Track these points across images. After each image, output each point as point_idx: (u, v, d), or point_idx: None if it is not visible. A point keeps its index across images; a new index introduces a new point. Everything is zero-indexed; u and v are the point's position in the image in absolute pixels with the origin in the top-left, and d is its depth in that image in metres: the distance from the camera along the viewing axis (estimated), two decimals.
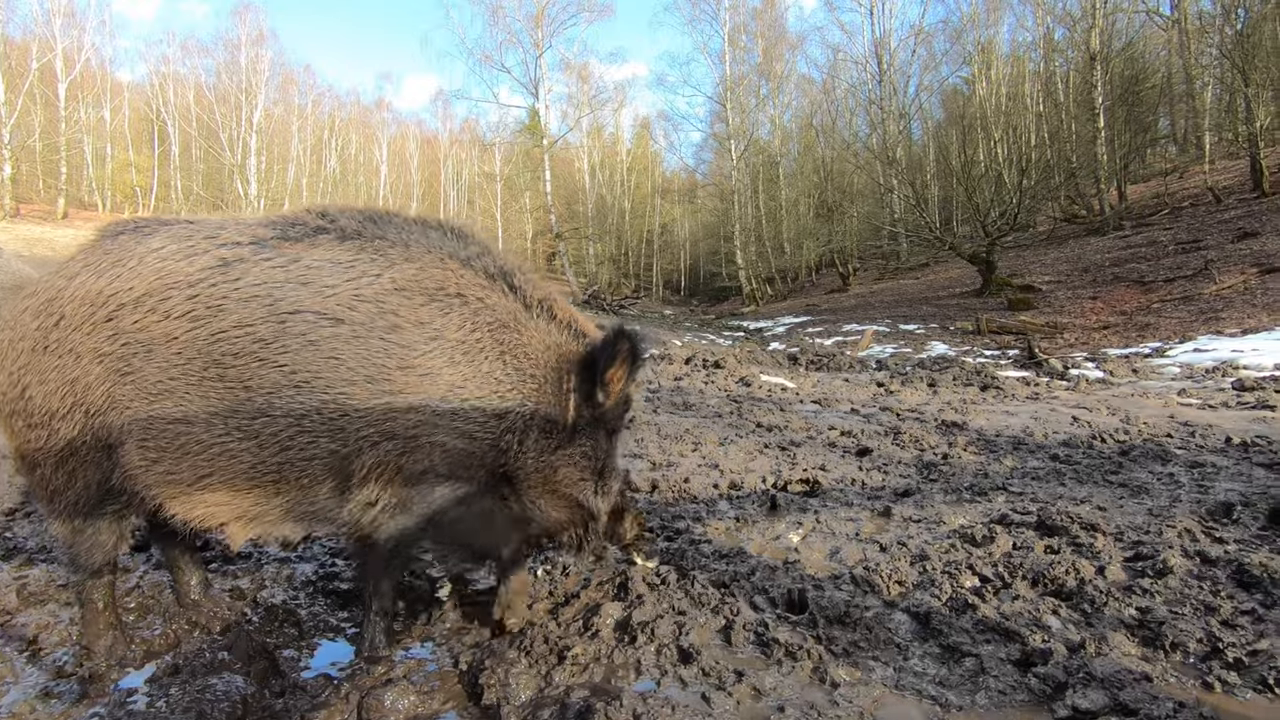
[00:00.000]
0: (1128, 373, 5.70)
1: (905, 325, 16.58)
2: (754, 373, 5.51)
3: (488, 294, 1.74)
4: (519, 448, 1.71)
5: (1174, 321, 12.26)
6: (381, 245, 1.72)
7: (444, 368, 1.64)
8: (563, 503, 1.79)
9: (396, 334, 1.61)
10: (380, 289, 1.64)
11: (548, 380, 1.74)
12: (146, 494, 1.65)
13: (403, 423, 1.60)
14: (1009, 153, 26.73)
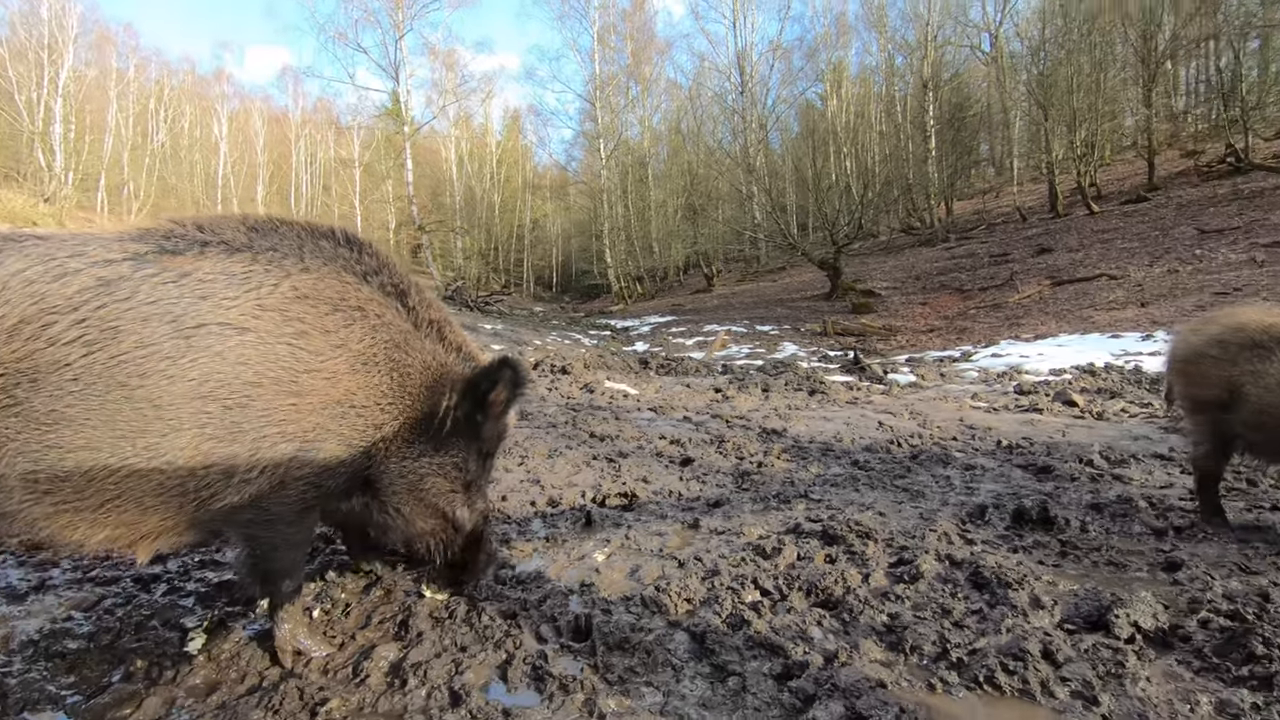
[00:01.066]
0: (936, 377, 6.30)
1: (761, 326, 17.41)
2: (600, 379, 5.54)
3: (385, 311, 1.83)
4: (386, 455, 1.81)
5: (985, 326, 13.76)
6: (274, 256, 1.76)
7: (345, 374, 1.72)
8: (427, 511, 1.88)
9: (304, 340, 1.68)
10: (283, 297, 1.70)
11: (427, 397, 1.84)
12: (27, 528, 1.62)
13: (301, 425, 1.67)
14: (856, 167, 28.91)
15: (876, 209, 24.83)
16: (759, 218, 25.86)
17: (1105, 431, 3.94)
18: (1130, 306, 11.71)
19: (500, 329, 12.91)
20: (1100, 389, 5.15)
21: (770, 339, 15.65)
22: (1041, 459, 3.34)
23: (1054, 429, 4.01)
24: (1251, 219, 15.82)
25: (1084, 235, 19.38)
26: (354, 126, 34.54)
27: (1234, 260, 13.19)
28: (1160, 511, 2.63)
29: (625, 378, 5.93)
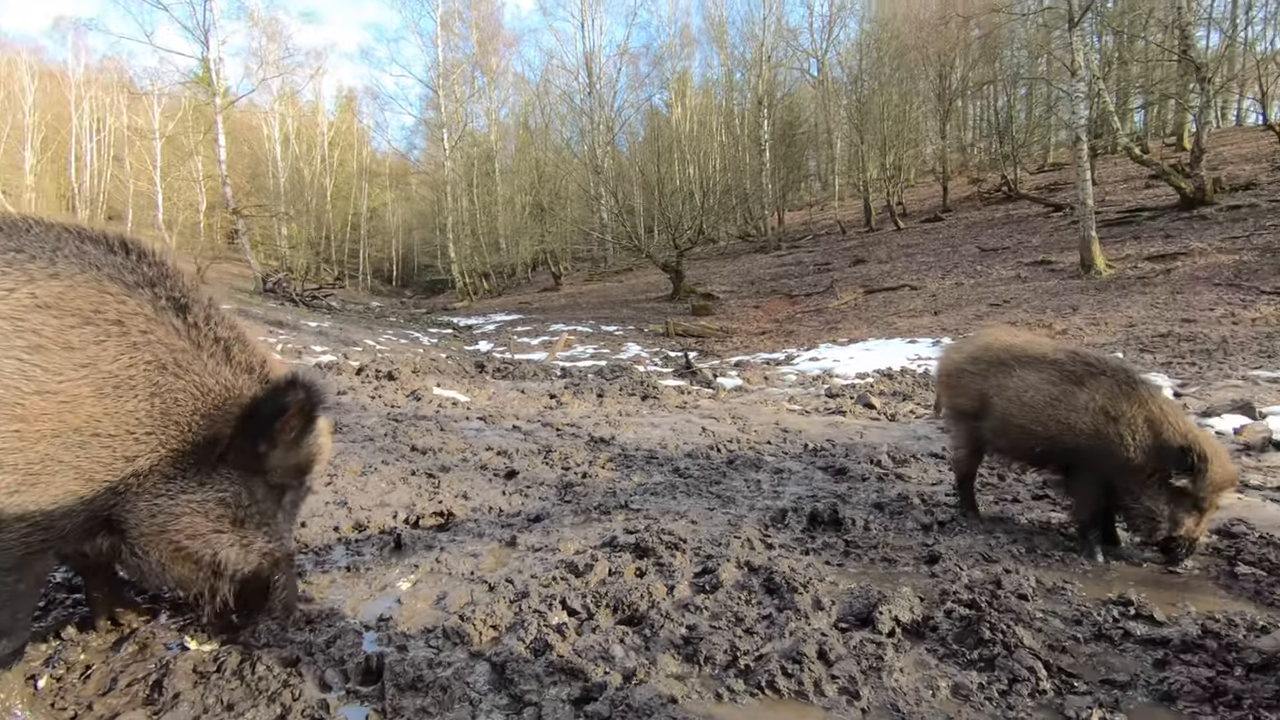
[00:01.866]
0: (760, 380, 6.72)
1: (607, 327, 17.63)
2: (429, 385, 5.29)
3: (153, 327, 1.63)
4: (138, 491, 1.61)
5: (809, 329, 14.92)
6: (16, 258, 1.55)
7: (89, 398, 1.52)
8: (180, 554, 1.66)
9: (39, 355, 1.48)
10: (17, 305, 1.49)
11: (202, 426, 1.65)
12: None
13: (26, 456, 1.46)
14: (698, 174, 30.22)
15: (717, 216, 26.17)
16: (606, 219, 26.20)
17: (895, 432, 4.42)
18: (926, 315, 13.24)
19: (327, 327, 11.96)
20: (895, 391, 5.77)
21: (615, 339, 15.89)
22: (840, 461, 3.67)
23: (854, 431, 4.44)
24: (1018, 240, 18.50)
25: (892, 249, 21.65)
26: (153, 93, 30.32)
27: (1005, 275, 15.33)
28: (929, 508, 2.99)
29: (458, 383, 5.72)
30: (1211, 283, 11.18)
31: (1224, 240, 13.58)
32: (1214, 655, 1.70)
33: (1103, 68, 22.10)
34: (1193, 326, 8.92)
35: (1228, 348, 7.46)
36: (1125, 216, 17.47)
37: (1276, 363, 6.67)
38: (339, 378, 5.44)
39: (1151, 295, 11.07)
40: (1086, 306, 11.09)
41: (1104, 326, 9.76)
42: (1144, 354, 7.79)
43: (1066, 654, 1.80)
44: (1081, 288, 12.66)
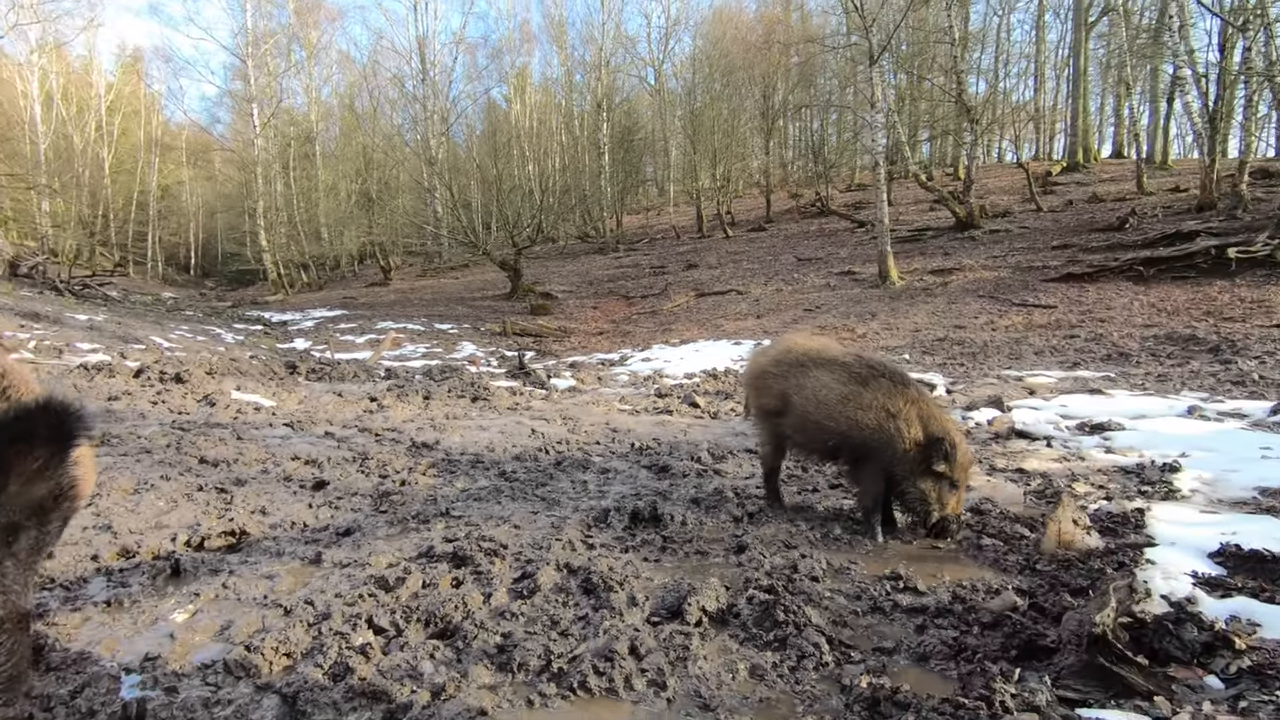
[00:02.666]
0: (594, 381, 6.80)
1: (441, 325, 16.95)
2: (226, 389, 4.73)
3: None
4: None
5: (644, 330, 15.37)
6: None
7: None
8: None
9: None
10: None
11: None
12: None
13: None
14: (538, 171, 29.99)
15: (557, 215, 26.15)
16: (441, 212, 25.17)
17: (716, 429, 4.69)
18: (750, 317, 14.18)
19: (101, 321, 10.33)
20: (719, 390, 6.12)
21: (449, 338, 15.31)
22: (664, 459, 3.82)
23: (679, 429, 4.64)
24: (829, 252, 20.41)
25: (721, 255, 22.93)
26: None
27: (818, 284, 16.83)
28: (741, 500, 3.20)
29: (263, 386, 5.18)
30: (977, 295, 13.06)
31: (987, 259, 15.92)
32: (959, 617, 2.00)
33: (897, 102, 25.09)
34: (963, 332, 10.35)
35: (988, 351, 8.74)
36: (914, 234, 19.93)
37: (1020, 364, 7.94)
38: (111, 381, 4.70)
39: (933, 304, 12.71)
40: (883, 313, 12.48)
41: (896, 331, 11.05)
42: (926, 355, 8.89)
43: (847, 627, 2.02)
44: (879, 296, 14.23)
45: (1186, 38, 15.90)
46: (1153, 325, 9.85)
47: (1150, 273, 12.61)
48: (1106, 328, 9.88)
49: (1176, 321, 9.96)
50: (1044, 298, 12.13)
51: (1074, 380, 6.64)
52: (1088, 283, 12.83)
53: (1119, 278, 12.91)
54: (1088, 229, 17.05)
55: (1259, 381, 6.05)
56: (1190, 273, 12.32)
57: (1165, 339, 8.96)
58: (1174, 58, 16.25)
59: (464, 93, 29.91)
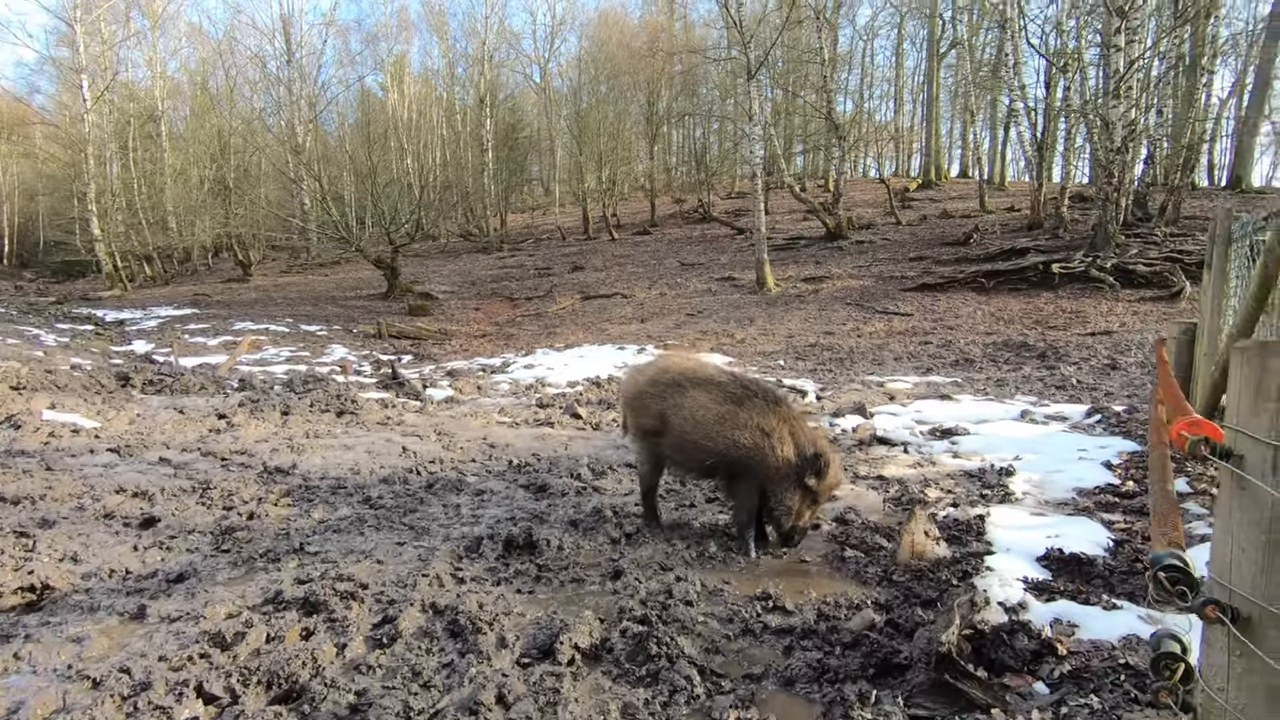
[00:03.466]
0: (473, 390, 6.56)
1: (308, 326, 15.82)
2: (37, 407, 4.10)
3: None
4: None
5: (529, 334, 15.10)
6: None
7: None
8: None
9: None
10: None
11: None
12: None
13: None
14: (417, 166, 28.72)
15: (437, 212, 25.22)
16: (308, 204, 23.49)
17: (597, 442, 4.65)
18: (635, 322, 14.29)
19: None
20: (602, 400, 6.09)
21: (317, 340, 14.31)
22: (543, 477, 3.73)
23: (560, 443, 4.56)
24: (711, 258, 21.03)
25: (607, 258, 23.02)
26: None
27: (700, 289, 17.28)
28: (619, 520, 3.18)
29: (86, 402, 4.55)
30: (845, 302, 13.91)
31: (854, 268, 17.01)
32: (822, 638, 2.07)
33: (774, 115, 26.30)
34: (832, 338, 10.97)
35: (854, 356, 9.30)
36: (789, 242, 20.97)
37: (882, 370, 8.51)
38: None
39: (806, 311, 13.40)
40: (760, 319, 13.00)
41: (772, 336, 11.53)
42: (799, 360, 9.32)
43: (719, 654, 2.03)
44: (757, 302, 14.82)
45: (1019, 74, 17.79)
46: (993, 333, 10.89)
47: (991, 284, 13.99)
48: (955, 335, 10.82)
49: (1012, 330, 11.08)
50: (903, 306, 13.13)
51: (927, 385, 7.19)
52: (939, 292, 14.04)
53: (965, 288, 14.21)
54: (939, 243, 18.66)
55: (1077, 386, 6.85)
56: (1023, 285, 13.79)
57: (1003, 345, 9.93)
58: (1009, 91, 18.13)
59: (335, 78, 28.11)
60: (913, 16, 34.43)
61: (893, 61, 39.81)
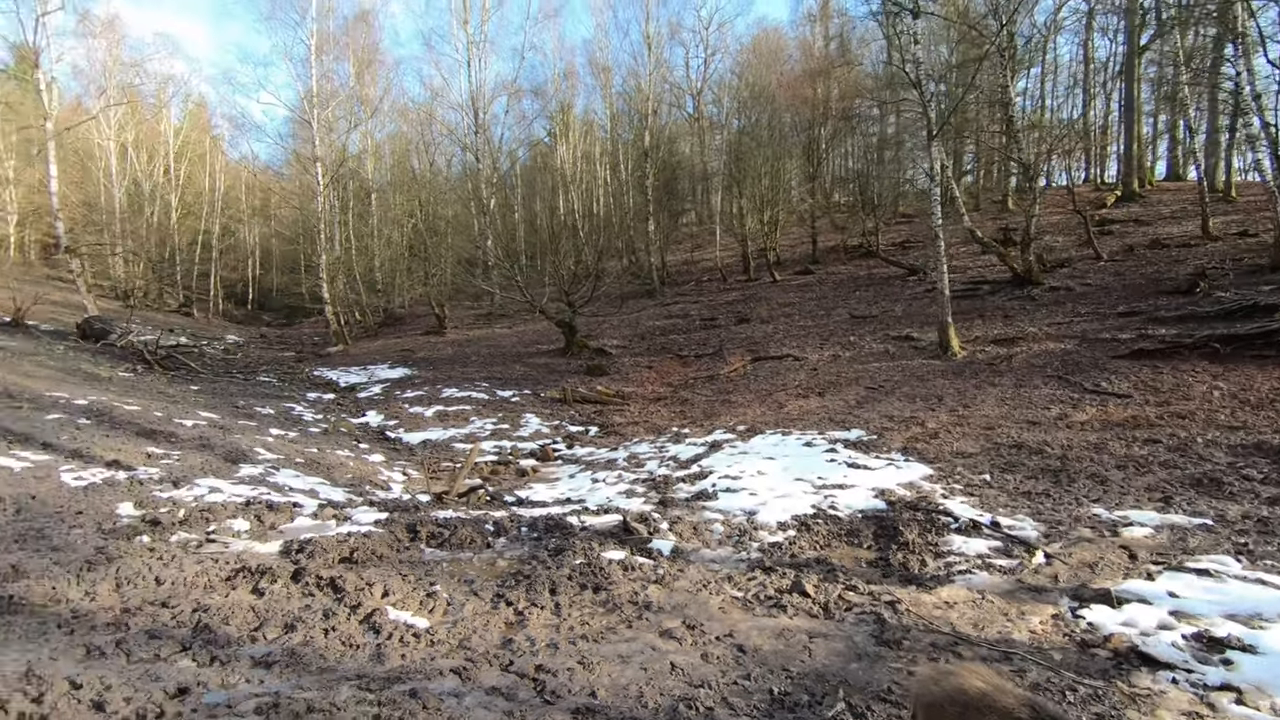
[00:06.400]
0: (691, 533, 7.05)
1: (502, 391, 17.41)
2: (376, 594, 5.07)
3: None
4: None
5: (704, 400, 15.56)
6: None
7: None
8: None
9: None
10: None
11: None
12: None
13: None
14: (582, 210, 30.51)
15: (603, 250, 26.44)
16: (493, 262, 25.84)
17: (835, 641, 4.88)
18: (812, 395, 14.26)
19: (204, 427, 10.94)
20: (820, 559, 6.32)
21: (513, 410, 15.75)
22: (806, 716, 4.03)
23: (800, 644, 4.83)
24: (884, 308, 20.35)
25: (772, 306, 23.02)
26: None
27: (875, 349, 16.83)
28: None
29: (400, 578, 5.53)
30: (1045, 374, 12.96)
31: (1050, 325, 15.77)
32: None
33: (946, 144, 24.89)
34: (1039, 433, 10.30)
35: (1070, 471, 8.71)
36: (970, 288, 19.78)
37: (1108, 495, 7.93)
38: (273, 592, 5.11)
39: (1000, 388, 12.66)
40: (949, 397, 12.47)
41: (968, 426, 11.03)
42: (1006, 474, 8.92)
43: None
44: (942, 371, 14.21)
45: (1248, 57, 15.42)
46: (1239, 426, 9.71)
47: (1227, 350, 12.44)
48: (1188, 428, 9.78)
49: (1263, 419, 9.80)
50: (1117, 382, 12.02)
51: (1171, 532, 6.67)
52: (1160, 361, 12.68)
53: (1194, 355, 12.74)
54: (1155, 290, 16.80)
55: None
56: (1270, 351, 12.11)
57: (1256, 450, 8.86)
58: (1233, 80, 15.87)
59: (513, 136, 30.67)
60: (1105, 8, 31.09)
61: (1079, 55, 36.02)
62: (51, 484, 7.10)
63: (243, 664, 4.20)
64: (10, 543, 5.56)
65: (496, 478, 10.75)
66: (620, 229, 27.80)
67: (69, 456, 8.07)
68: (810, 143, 27.77)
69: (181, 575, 5.27)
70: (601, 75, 32.23)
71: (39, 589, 4.87)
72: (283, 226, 37.66)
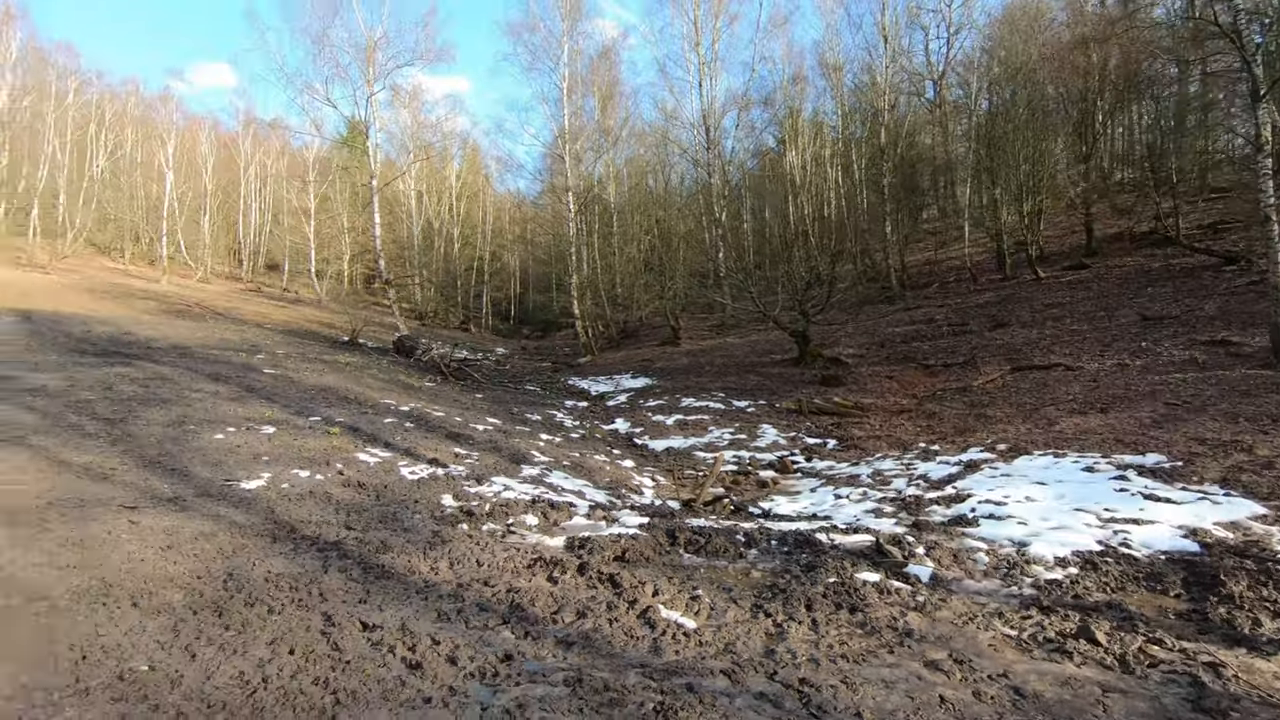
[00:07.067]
0: (951, 560, 6.68)
1: (738, 401, 17.82)
2: (648, 591, 5.68)
3: None
4: None
5: (954, 415, 14.43)
6: None
7: None
8: None
9: None
10: None
11: None
12: None
13: None
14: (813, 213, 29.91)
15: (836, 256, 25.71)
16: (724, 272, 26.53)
17: (1137, 700, 4.35)
18: (1092, 412, 12.49)
19: (492, 431, 12.85)
20: (1111, 602, 5.62)
21: (749, 420, 16.05)
22: None
23: (1091, 696, 4.38)
24: (1188, 307, 17.08)
25: (1035, 308, 20.52)
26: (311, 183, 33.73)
27: (1178, 358, 14.21)
28: None
29: (666, 579, 6.10)
30: None
31: None
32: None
33: None
34: None
35: None
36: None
37: None
38: (563, 581, 5.96)
39: None
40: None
41: None
42: None
43: None
44: (1276, 384, 11.61)
45: None
46: None
47: None
48: None
49: None
50: None
51: None
52: None
53: None
54: None
55: None
56: None
57: None
58: None
59: (741, 147, 31.27)
60: None
61: None
62: (395, 476, 8.94)
63: (549, 641, 4.99)
64: (377, 523, 7.15)
65: (738, 488, 11.12)
66: (854, 232, 26.80)
67: (403, 454, 10.07)
68: (1083, 117, 24.18)
69: (494, 560, 6.36)
70: (832, 75, 31.42)
71: (400, 561, 6.22)
72: (539, 250, 42.73)
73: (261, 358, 17.85)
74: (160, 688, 4.12)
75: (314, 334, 25.95)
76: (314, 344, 23.12)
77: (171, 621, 4.90)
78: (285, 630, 4.86)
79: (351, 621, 5.02)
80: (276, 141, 43.94)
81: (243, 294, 35.41)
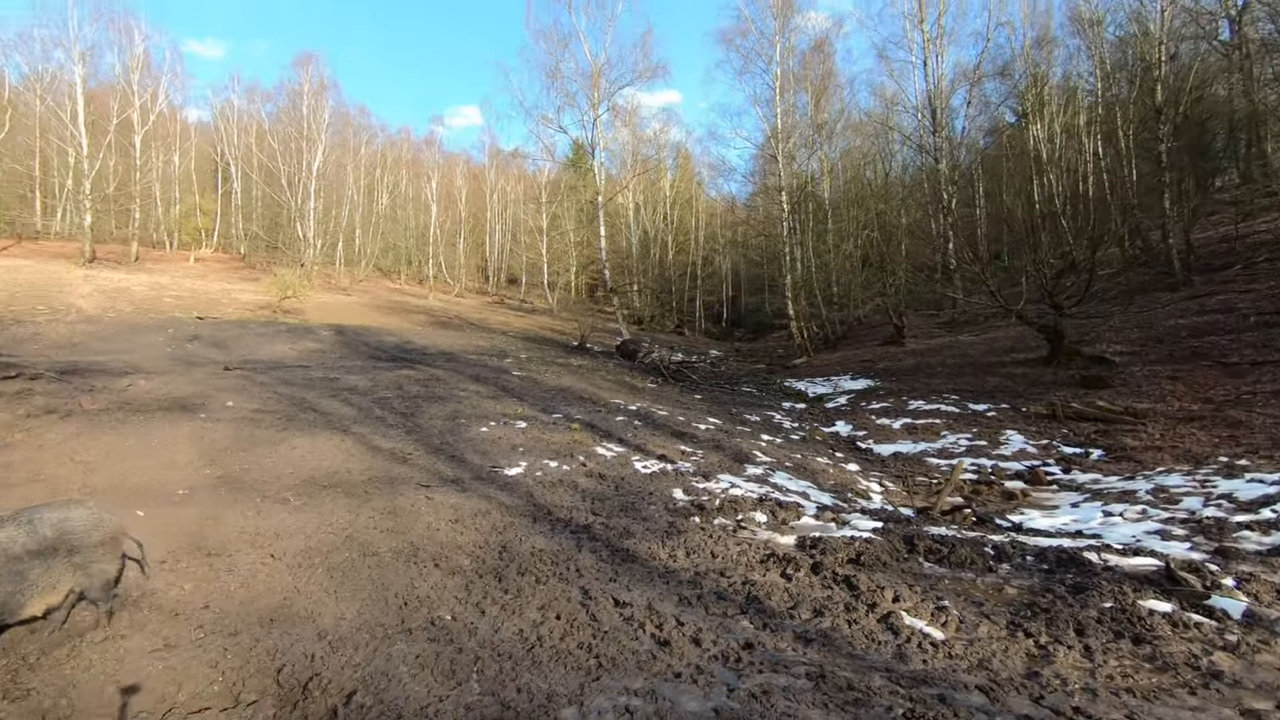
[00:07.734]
0: (1274, 597, 5.57)
1: (975, 405, 16.33)
2: (887, 597, 5.50)
3: None
4: None
5: (1269, 421, 11.85)
6: None
7: None
8: None
9: None
10: None
11: None
12: None
13: None
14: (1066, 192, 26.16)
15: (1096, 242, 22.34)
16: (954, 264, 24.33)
17: None
18: None
19: (714, 430, 13.22)
20: None
21: (989, 424, 14.63)
22: None
23: None
24: None
25: None
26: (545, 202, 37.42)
27: None
28: None
29: (908, 587, 5.85)
30: None
31: None
32: None
33: None
34: None
35: None
36: None
37: None
38: (796, 579, 5.99)
39: None
40: None
41: None
42: None
43: None
44: None
45: None
46: None
47: None
48: None
49: None
50: None
51: None
52: None
53: None
54: None
55: None
56: None
57: None
58: None
59: (973, 127, 28.44)
60: None
61: None
62: (630, 470, 9.62)
63: (787, 635, 5.08)
64: (619, 511, 7.78)
65: (979, 498, 10.23)
66: (1120, 210, 22.99)
67: (634, 450, 10.79)
68: None
69: (727, 552, 6.60)
70: (1088, 31, 27.25)
71: (641, 547, 6.72)
72: (751, 252, 42.84)
73: (509, 361, 20.22)
74: (461, 635, 4.95)
75: (549, 340, 28.71)
76: (550, 349, 25.61)
77: (464, 581, 5.82)
78: (551, 598, 5.54)
79: (605, 597, 5.56)
80: (515, 170, 49.42)
81: (490, 306, 40.38)
